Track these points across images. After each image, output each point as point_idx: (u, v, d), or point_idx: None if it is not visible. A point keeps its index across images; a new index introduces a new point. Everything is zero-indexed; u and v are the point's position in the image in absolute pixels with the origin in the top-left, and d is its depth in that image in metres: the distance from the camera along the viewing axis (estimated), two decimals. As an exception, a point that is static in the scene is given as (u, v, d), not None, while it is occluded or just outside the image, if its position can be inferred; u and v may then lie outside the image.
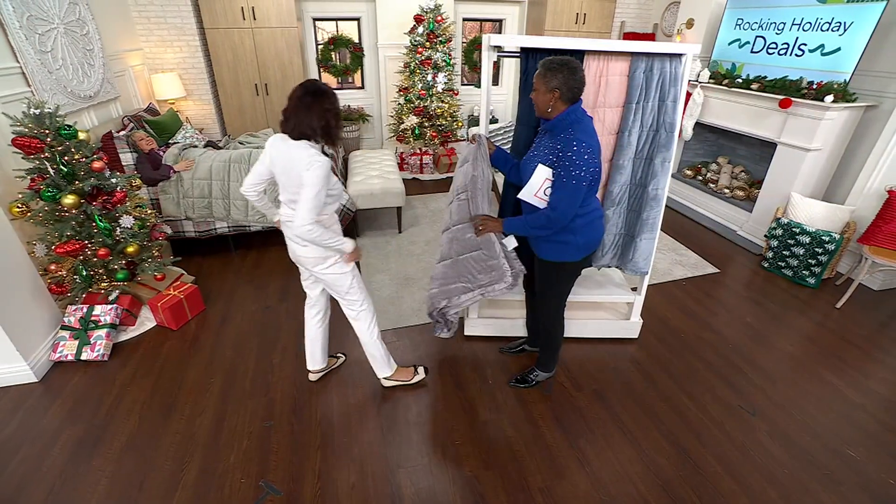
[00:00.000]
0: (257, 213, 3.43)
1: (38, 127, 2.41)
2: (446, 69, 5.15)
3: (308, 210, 1.70)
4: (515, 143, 2.32)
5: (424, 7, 4.95)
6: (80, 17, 3.43)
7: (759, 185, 4.02)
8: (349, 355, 2.61)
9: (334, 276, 2.00)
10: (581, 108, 1.80)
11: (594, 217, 1.97)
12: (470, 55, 6.20)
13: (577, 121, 1.77)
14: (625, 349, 2.72)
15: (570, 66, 1.74)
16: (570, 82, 1.73)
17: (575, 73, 1.74)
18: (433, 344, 2.74)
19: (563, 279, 2.09)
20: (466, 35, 6.23)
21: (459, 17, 5.91)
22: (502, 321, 2.76)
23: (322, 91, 1.73)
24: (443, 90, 5.20)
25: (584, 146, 1.72)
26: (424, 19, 4.96)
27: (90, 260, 2.71)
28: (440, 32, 5.01)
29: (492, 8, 6.03)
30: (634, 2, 5.62)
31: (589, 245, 1.99)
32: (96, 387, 2.42)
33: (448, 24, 5.10)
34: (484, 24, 6.40)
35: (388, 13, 5.41)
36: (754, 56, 3.88)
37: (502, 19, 6.19)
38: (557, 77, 1.74)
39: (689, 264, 3.61)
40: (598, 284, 2.80)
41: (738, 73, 3.96)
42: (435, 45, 5.02)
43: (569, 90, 1.75)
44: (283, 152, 1.77)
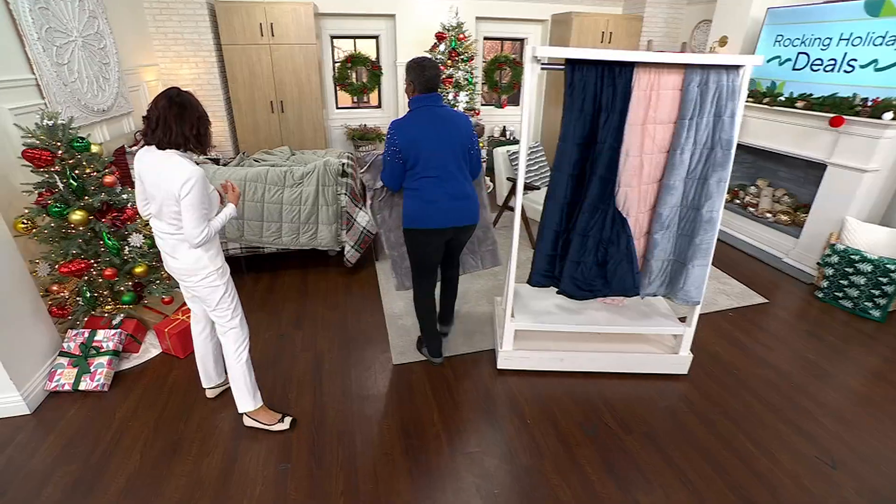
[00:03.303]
0: (272, 234, 3.35)
1: (50, 139, 2.36)
2: (468, 88, 5.15)
3: (196, 226, 1.76)
4: (558, 161, 2.23)
5: (447, 25, 4.98)
6: (98, 30, 3.46)
7: (805, 209, 3.88)
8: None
9: (206, 290, 1.97)
10: (420, 99, 2.24)
11: (411, 194, 2.30)
12: (491, 74, 6.22)
13: (411, 107, 2.26)
14: (673, 386, 2.54)
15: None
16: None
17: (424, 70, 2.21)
18: (462, 378, 2.58)
19: (406, 245, 2.48)
20: (485, 55, 6.27)
21: (480, 35, 5.96)
22: (539, 354, 2.61)
23: (188, 101, 1.75)
24: (464, 109, 5.18)
25: (391, 126, 2.23)
26: (446, 37, 4.99)
27: (95, 280, 2.62)
28: (462, 50, 5.02)
29: (514, 27, 6.08)
30: (662, 20, 5.64)
31: (410, 216, 2.31)
32: (94, 421, 2.28)
33: (470, 41, 5.12)
34: (504, 43, 6.46)
35: (409, 31, 5.47)
36: (797, 73, 3.81)
37: (524, 38, 6.24)
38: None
39: (733, 293, 3.44)
40: (643, 315, 2.65)
41: (780, 92, 3.88)
42: (457, 63, 5.03)
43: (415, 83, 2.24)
44: (151, 165, 1.77)
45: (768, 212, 4.17)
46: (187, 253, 1.89)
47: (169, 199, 1.75)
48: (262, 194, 3.28)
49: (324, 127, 5.37)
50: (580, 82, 2.10)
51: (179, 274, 1.96)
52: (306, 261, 3.83)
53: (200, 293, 1.99)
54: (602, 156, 2.16)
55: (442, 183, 2.25)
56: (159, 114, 1.71)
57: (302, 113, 5.16)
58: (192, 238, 1.77)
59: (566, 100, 2.15)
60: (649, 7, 5.50)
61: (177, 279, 2.02)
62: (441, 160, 2.23)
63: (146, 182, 1.81)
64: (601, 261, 2.36)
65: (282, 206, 3.30)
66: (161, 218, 1.85)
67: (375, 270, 3.71)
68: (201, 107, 1.80)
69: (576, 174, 2.26)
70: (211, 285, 1.96)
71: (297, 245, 3.42)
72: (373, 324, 3.05)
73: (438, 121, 2.22)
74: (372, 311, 3.19)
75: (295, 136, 5.22)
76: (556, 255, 2.43)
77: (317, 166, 3.34)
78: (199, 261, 1.91)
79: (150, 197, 1.85)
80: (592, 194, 2.23)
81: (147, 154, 1.79)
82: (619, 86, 2.07)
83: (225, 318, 2.06)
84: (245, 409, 2.21)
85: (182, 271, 1.94)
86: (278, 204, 3.29)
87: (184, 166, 1.72)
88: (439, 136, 2.21)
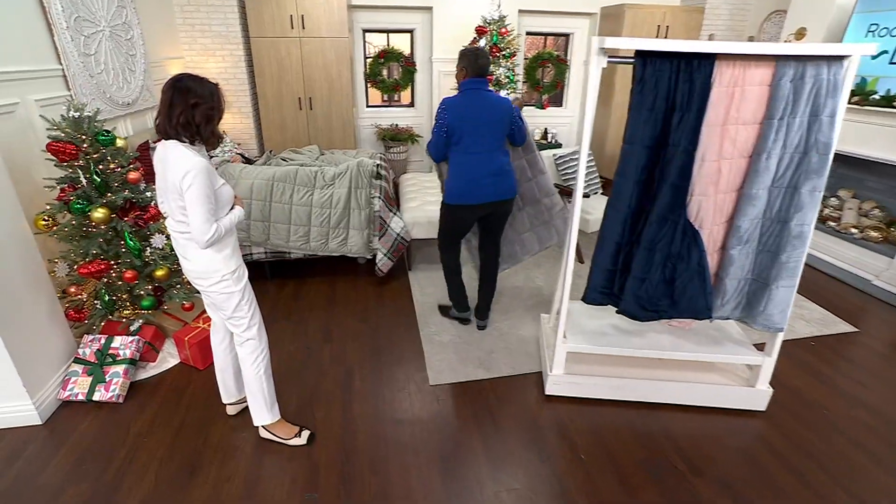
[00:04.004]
0: (300, 238, 3.32)
1: (75, 131, 2.39)
2: (509, 86, 5.08)
3: (202, 223, 1.73)
4: (624, 166, 2.12)
5: (488, 18, 4.94)
6: (126, 20, 3.53)
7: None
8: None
9: (220, 296, 1.94)
10: (470, 82, 2.60)
11: (456, 171, 2.66)
12: (532, 72, 6.14)
13: (460, 89, 2.64)
14: (749, 424, 2.37)
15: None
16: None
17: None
18: (505, 403, 2.47)
19: (441, 214, 2.84)
20: (526, 51, 6.20)
21: (523, 30, 5.89)
22: (593, 380, 2.48)
23: (188, 87, 1.70)
24: (504, 108, 5.11)
25: (441, 102, 2.61)
26: (488, 31, 4.94)
27: (114, 283, 2.63)
28: (504, 46, 4.96)
29: (559, 21, 6.00)
30: (726, 11, 5.46)
31: (453, 193, 2.69)
32: (108, 435, 2.26)
33: (513, 36, 5.06)
34: (546, 39, 6.38)
35: (446, 25, 5.45)
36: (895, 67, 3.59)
37: (570, 33, 6.14)
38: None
39: (814, 319, 3.23)
40: (712, 340, 2.49)
41: (872, 89, 3.67)
42: (498, 59, 4.97)
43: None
44: (161, 158, 1.77)
45: (853, 227, 3.93)
46: (198, 254, 1.86)
47: (174, 192, 1.74)
48: (291, 195, 3.26)
49: (354, 126, 5.38)
50: (652, 77, 2.00)
51: (193, 277, 1.94)
52: (334, 268, 3.80)
53: (215, 299, 1.96)
54: (674, 160, 2.04)
55: (483, 160, 2.63)
56: (160, 100, 1.73)
57: (331, 110, 5.18)
58: (200, 236, 1.74)
59: (634, 97, 2.06)
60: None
61: (191, 282, 2.00)
62: (483, 138, 2.61)
63: (159, 175, 1.82)
64: (668, 278, 2.23)
65: (311, 209, 3.27)
66: (172, 216, 1.85)
67: (408, 281, 3.65)
68: (208, 96, 1.74)
69: (643, 180, 2.15)
70: (225, 291, 1.93)
71: (325, 251, 3.39)
72: (407, 339, 2.97)
73: (485, 103, 2.61)
74: (406, 325, 3.11)
75: (323, 135, 5.24)
76: (615, 271, 2.31)
77: (349, 167, 3.30)
78: (212, 262, 1.87)
79: (160, 192, 1.85)
80: (661, 203, 2.11)
81: (160, 146, 1.80)
82: (697, 81, 1.95)
83: (241, 327, 2.02)
84: (261, 422, 2.18)
85: (194, 273, 1.92)
86: (307, 206, 3.27)
87: (186, 157, 1.69)
88: (484, 117, 2.59)
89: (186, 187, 1.69)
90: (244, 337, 2.04)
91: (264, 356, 2.10)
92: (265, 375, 2.11)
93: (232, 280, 1.93)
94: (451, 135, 2.59)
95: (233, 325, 2.03)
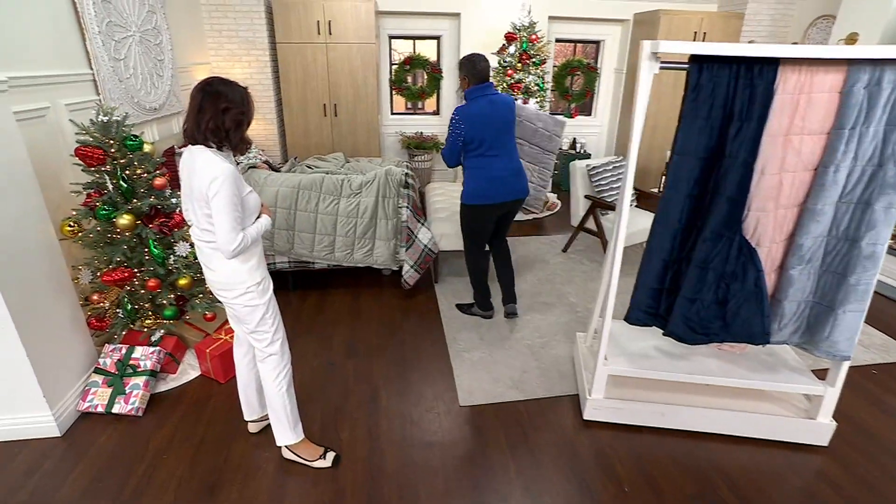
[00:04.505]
0: (324, 248, 3.27)
1: (103, 136, 2.37)
2: (539, 94, 5.00)
3: (228, 231, 1.68)
4: (675, 178, 2.01)
5: (518, 24, 4.88)
6: (155, 25, 3.56)
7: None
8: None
9: (244, 308, 1.88)
10: (476, 89, 2.70)
11: (476, 174, 2.77)
12: (561, 80, 6.06)
13: (468, 97, 2.72)
14: (809, 460, 2.21)
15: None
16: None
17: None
18: (541, 427, 2.36)
19: (462, 217, 2.95)
20: (554, 59, 6.12)
21: (552, 37, 5.83)
22: (635, 405, 2.35)
23: (219, 91, 1.66)
24: (533, 117, 5.02)
25: (454, 113, 2.69)
26: (517, 38, 4.88)
27: (137, 292, 2.59)
28: (534, 53, 4.90)
29: (590, 28, 5.93)
30: (767, 17, 5.31)
31: (474, 194, 2.80)
32: (127, 450, 2.21)
33: (543, 43, 4.99)
34: (575, 47, 6.30)
35: (474, 31, 5.42)
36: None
37: (601, 40, 6.06)
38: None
39: (874, 345, 3.05)
40: (766, 366, 2.34)
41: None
42: (528, 67, 4.90)
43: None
44: (187, 164, 1.73)
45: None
46: (223, 264, 1.81)
47: (200, 200, 1.69)
48: (316, 204, 3.21)
49: (378, 133, 5.35)
50: (708, 84, 1.89)
51: (216, 288, 1.89)
52: (358, 279, 3.73)
53: (238, 312, 1.90)
54: (731, 173, 1.93)
55: (503, 160, 2.77)
56: (189, 104, 1.69)
57: (356, 117, 5.16)
58: (226, 246, 1.69)
59: (687, 105, 1.95)
60: (753, 3, 5.21)
61: (214, 293, 1.94)
62: (502, 139, 2.74)
63: (184, 183, 1.78)
64: (721, 299, 2.10)
65: (336, 218, 3.22)
66: (196, 224, 1.80)
67: (435, 294, 3.56)
68: (239, 101, 1.69)
69: (695, 194, 2.03)
70: (249, 304, 1.87)
71: (350, 262, 3.33)
72: (434, 356, 2.88)
73: (497, 106, 2.72)
74: (433, 341, 3.02)
75: (347, 142, 5.22)
76: (662, 290, 2.19)
77: (377, 175, 3.25)
78: (237, 273, 1.82)
79: (186, 200, 1.80)
80: (716, 219, 1.99)
81: (186, 152, 1.76)
82: (759, 88, 1.84)
83: (264, 342, 1.96)
84: (284, 441, 2.11)
85: (218, 285, 1.86)
86: (333, 215, 3.22)
87: (213, 163, 1.65)
88: (498, 119, 2.71)
89: (213, 194, 1.64)
90: (266, 352, 1.98)
91: (287, 373, 2.03)
92: (288, 393, 2.04)
93: (257, 292, 1.87)
94: (469, 142, 2.68)
95: (255, 340, 1.97)
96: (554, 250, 4.36)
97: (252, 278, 1.85)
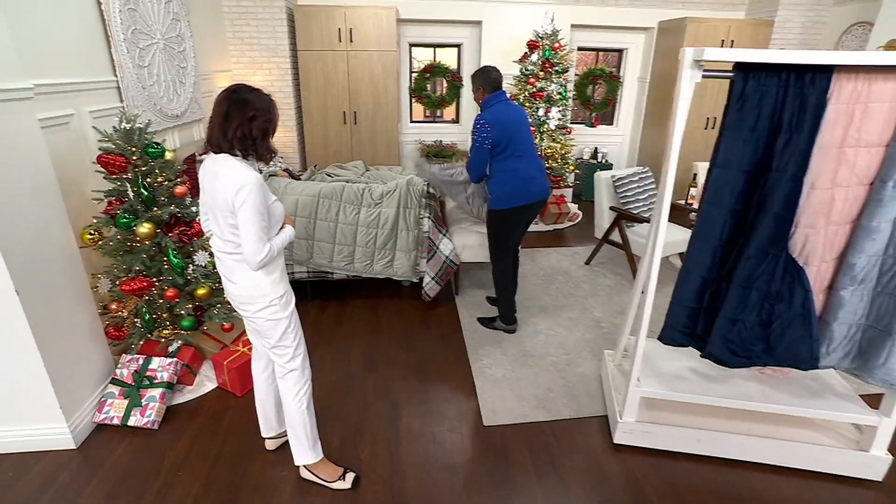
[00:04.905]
0: (344, 258, 3.20)
1: (125, 143, 2.34)
2: (561, 103, 4.91)
3: (255, 242, 1.62)
4: (716, 193, 1.90)
5: (540, 32, 4.80)
6: (180, 33, 3.55)
7: None
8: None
9: (266, 323, 1.81)
10: (493, 97, 2.76)
11: (505, 177, 2.78)
12: (582, 89, 5.96)
13: (486, 106, 2.78)
14: (860, 496, 2.06)
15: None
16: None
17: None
18: (568, 450, 2.25)
19: (491, 224, 2.94)
20: (576, 67, 6.03)
21: (575, 45, 5.74)
22: (669, 430, 2.22)
23: (246, 98, 1.62)
24: (555, 127, 4.93)
25: (478, 120, 2.72)
26: (539, 46, 4.80)
27: (155, 301, 2.55)
28: (557, 61, 4.81)
29: (613, 36, 5.83)
30: (798, 24, 5.16)
31: (506, 197, 2.79)
32: (142, 465, 2.15)
33: (566, 51, 4.90)
34: (597, 55, 6.21)
35: (495, 39, 5.35)
36: None
37: (624, 49, 5.96)
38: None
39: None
40: (810, 391, 2.21)
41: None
42: (550, 75, 4.81)
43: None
44: (210, 172, 1.67)
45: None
46: (246, 276, 1.74)
47: (224, 210, 1.63)
48: (337, 213, 3.15)
49: (398, 141, 5.30)
50: (755, 93, 1.79)
51: (237, 301, 1.83)
52: (377, 290, 3.66)
53: (260, 326, 1.83)
54: (778, 187, 1.82)
55: (530, 161, 2.82)
56: (213, 111, 1.64)
57: (376, 125, 5.12)
58: (252, 257, 1.63)
59: (731, 116, 1.85)
60: (783, 10, 5.05)
61: (235, 307, 1.88)
62: (525, 141, 2.80)
63: (206, 193, 1.72)
64: (765, 320, 1.98)
65: (357, 228, 3.15)
66: (219, 234, 1.74)
67: (456, 307, 3.47)
68: (266, 109, 1.66)
69: (738, 209, 1.92)
70: (272, 318, 1.80)
71: (369, 273, 3.25)
72: (457, 373, 2.78)
73: (515, 109, 2.84)
74: (455, 357, 2.93)
75: (367, 151, 5.18)
76: (700, 309, 2.07)
77: (398, 185, 3.18)
78: (260, 286, 1.75)
79: (208, 209, 1.74)
80: (761, 236, 1.88)
81: (209, 161, 1.70)
82: (811, 98, 1.74)
83: (285, 357, 1.88)
84: (303, 461, 2.03)
85: (240, 298, 1.80)
86: (353, 225, 3.15)
87: (239, 172, 1.60)
88: (521, 122, 2.79)
89: (240, 203, 1.58)
90: (287, 368, 1.91)
91: (307, 390, 1.96)
92: (308, 411, 1.96)
93: (279, 306, 1.80)
94: (496, 145, 2.71)
95: (276, 355, 1.90)
96: (576, 262, 4.24)
97: (275, 291, 1.78)
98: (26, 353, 2.05)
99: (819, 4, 5.10)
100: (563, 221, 5.09)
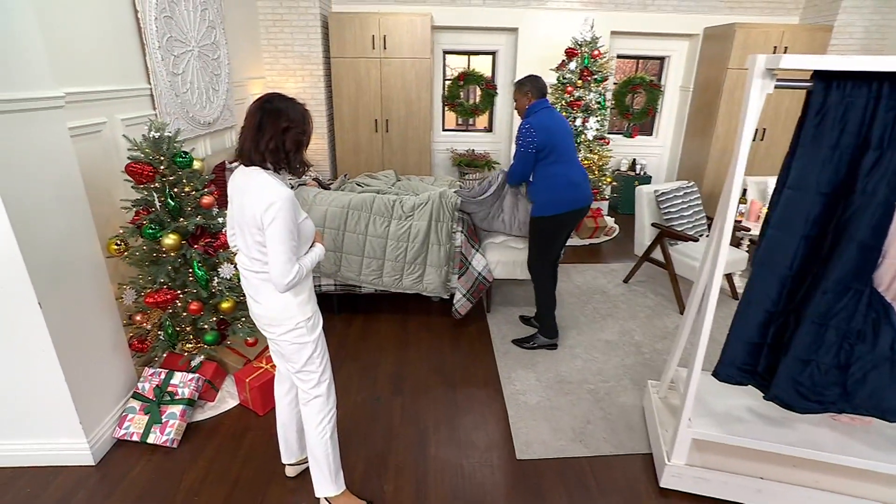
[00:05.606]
0: (372, 272, 3.07)
1: (154, 152, 2.27)
2: (599, 113, 4.69)
3: (283, 263, 1.52)
4: (787, 216, 1.69)
5: (579, 40, 4.61)
6: (214, 40, 3.51)
7: None
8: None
9: (292, 346, 1.71)
10: (539, 102, 2.73)
11: (551, 182, 2.74)
12: (621, 98, 5.72)
13: (531, 112, 2.74)
14: (946, 564, 1.80)
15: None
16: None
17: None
18: (608, 490, 2.05)
19: (534, 233, 2.87)
20: (615, 75, 5.80)
21: (614, 53, 5.51)
22: (724, 476, 2.00)
23: (279, 108, 1.52)
24: (593, 138, 4.72)
25: (524, 125, 2.70)
26: (578, 54, 4.61)
27: (179, 314, 2.46)
28: (596, 69, 4.60)
29: (654, 43, 5.58)
30: (860, 29, 4.80)
31: (552, 203, 2.74)
32: (159, 485, 2.05)
33: (606, 59, 4.69)
34: (636, 63, 5.96)
35: (532, 46, 5.19)
36: None
37: (666, 56, 5.70)
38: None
39: None
40: (893, 443, 1.93)
41: None
42: (588, 84, 4.61)
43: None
44: (240, 186, 1.58)
45: None
46: (272, 297, 1.63)
47: (252, 226, 1.52)
48: (366, 226, 3.03)
49: (429, 150, 5.17)
50: (838, 106, 1.58)
51: (262, 322, 1.72)
52: (406, 305, 3.52)
53: (284, 349, 1.72)
54: (864, 213, 1.60)
55: (575, 167, 2.81)
56: (245, 122, 1.55)
57: (407, 133, 5.01)
58: (280, 278, 1.52)
59: (807, 131, 1.64)
60: (843, 14, 4.71)
61: (259, 328, 1.77)
62: (570, 147, 2.79)
63: (235, 206, 1.62)
64: (843, 363, 1.75)
65: (386, 241, 3.02)
66: (245, 251, 1.63)
67: (487, 326, 3.29)
68: (300, 120, 1.56)
69: (813, 235, 1.70)
70: (297, 341, 1.68)
71: (398, 288, 3.11)
72: (488, 398, 2.61)
73: (560, 116, 2.83)
74: (486, 380, 2.75)
75: (398, 159, 5.07)
76: (763, 345, 1.86)
77: (431, 197, 3.03)
78: (287, 308, 1.64)
79: (235, 224, 1.64)
80: (841, 267, 1.66)
81: (240, 175, 1.60)
82: (906, 112, 1.51)
83: (310, 382, 1.76)
84: (324, 493, 1.89)
85: (265, 319, 1.69)
86: (383, 238, 3.02)
87: (270, 187, 1.49)
88: (563, 128, 2.77)
89: (269, 221, 1.47)
90: (312, 394, 1.78)
91: (331, 418, 1.82)
92: (331, 440, 1.83)
93: (307, 328, 1.68)
94: (542, 150, 2.68)
95: (300, 380, 1.77)
96: (614, 280, 4.01)
97: (303, 313, 1.66)
98: (47, 367, 1.99)
99: (886, 6, 4.73)
100: (599, 235, 4.86)
